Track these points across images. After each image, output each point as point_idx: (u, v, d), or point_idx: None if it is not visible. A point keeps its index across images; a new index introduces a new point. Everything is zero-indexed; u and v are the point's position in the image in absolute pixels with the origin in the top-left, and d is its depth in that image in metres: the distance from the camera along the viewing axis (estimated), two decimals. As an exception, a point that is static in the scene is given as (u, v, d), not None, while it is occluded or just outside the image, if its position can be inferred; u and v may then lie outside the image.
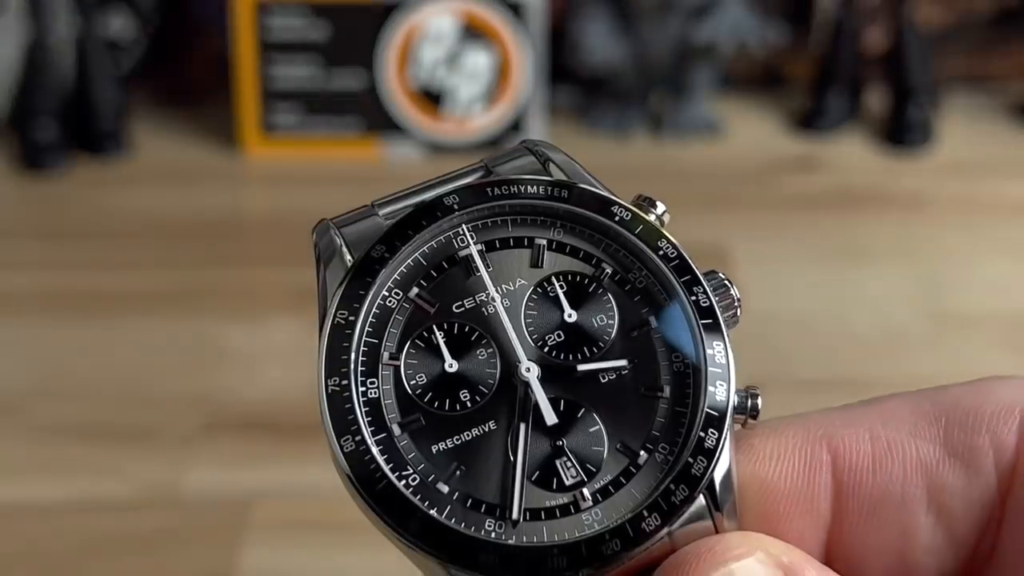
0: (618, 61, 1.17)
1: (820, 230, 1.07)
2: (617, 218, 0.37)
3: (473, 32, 1.16)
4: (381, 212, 0.38)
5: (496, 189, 0.37)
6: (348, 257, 0.37)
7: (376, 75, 1.16)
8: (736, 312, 0.37)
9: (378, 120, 1.17)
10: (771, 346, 0.91)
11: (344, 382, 0.35)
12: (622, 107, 1.20)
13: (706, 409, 0.35)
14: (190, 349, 0.93)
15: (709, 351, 0.36)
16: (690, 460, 0.34)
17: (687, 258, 0.37)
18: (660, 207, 0.38)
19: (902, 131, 1.18)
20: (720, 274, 0.37)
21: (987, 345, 0.93)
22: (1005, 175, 1.16)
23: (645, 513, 0.34)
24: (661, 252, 0.37)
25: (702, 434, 0.35)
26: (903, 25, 1.19)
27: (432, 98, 1.17)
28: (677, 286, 0.36)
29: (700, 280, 0.37)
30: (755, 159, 1.17)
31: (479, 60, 1.17)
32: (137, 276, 1.01)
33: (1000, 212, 1.10)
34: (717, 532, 0.34)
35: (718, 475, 0.35)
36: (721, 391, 0.35)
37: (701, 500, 0.34)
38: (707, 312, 0.36)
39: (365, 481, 0.34)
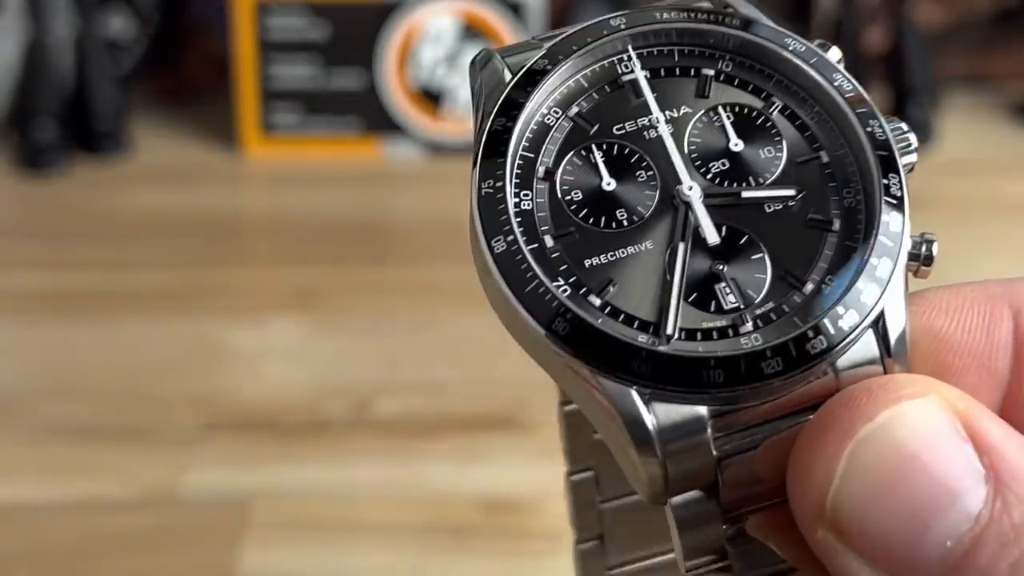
0: (618, 61, 1.17)
1: (820, 230, 1.07)
2: (791, 48, 0.36)
3: (473, 32, 1.16)
4: (545, 46, 0.36)
5: (666, 13, 0.36)
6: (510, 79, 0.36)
7: (376, 75, 1.16)
8: (913, 157, 0.35)
9: (378, 120, 1.17)
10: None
11: (499, 184, 0.34)
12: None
13: (879, 236, 0.33)
14: (190, 349, 0.92)
15: (884, 181, 0.34)
16: (860, 287, 0.32)
17: (862, 91, 0.35)
18: (836, 53, 0.36)
19: (902, 131, 1.18)
20: (900, 121, 0.35)
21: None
22: (1005, 175, 1.15)
23: (811, 334, 0.32)
24: (836, 84, 0.35)
25: (874, 261, 0.33)
26: (903, 25, 1.19)
27: (432, 98, 1.17)
28: (852, 117, 0.35)
29: (876, 114, 0.35)
30: (755, 159, 1.17)
31: (479, 60, 1.17)
32: (137, 276, 1.01)
33: (1001, 211, 1.10)
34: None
35: (890, 314, 0.33)
36: (896, 221, 0.34)
37: (872, 342, 0.32)
38: (883, 145, 0.35)
39: (515, 280, 0.32)
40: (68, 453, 0.83)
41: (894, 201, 0.34)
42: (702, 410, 0.31)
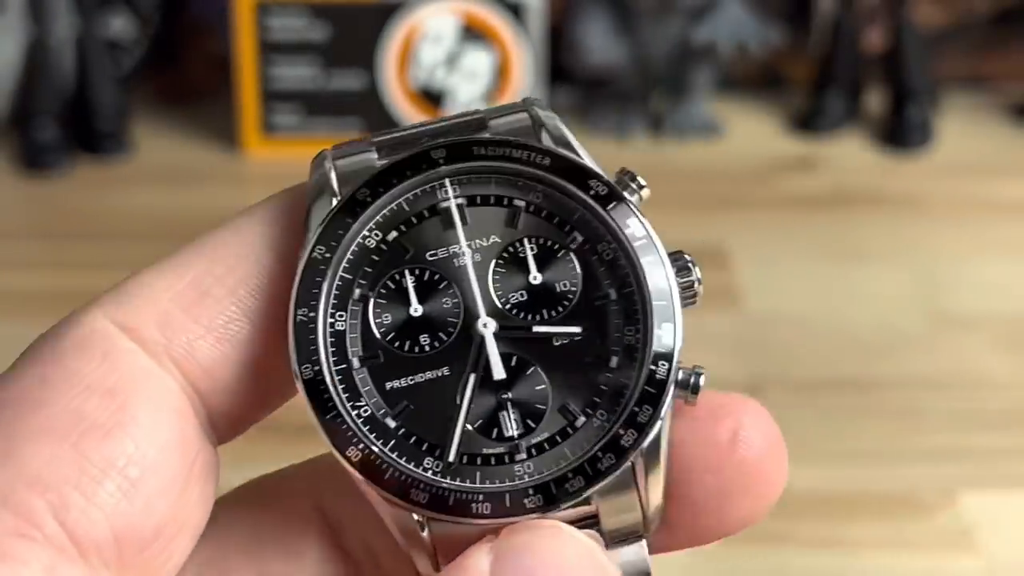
0: (618, 62, 1.17)
1: (819, 230, 1.07)
2: (592, 192, 0.38)
3: (473, 32, 1.16)
4: (375, 144, 0.39)
5: (482, 149, 0.38)
6: (335, 188, 0.38)
7: (376, 75, 1.17)
8: (695, 293, 0.37)
9: (378, 120, 1.17)
10: (770, 346, 0.91)
11: (312, 314, 0.36)
12: (622, 108, 1.20)
13: (644, 386, 0.36)
14: (190, 349, 0.93)
15: (658, 331, 0.36)
16: (621, 432, 0.35)
17: (652, 237, 0.38)
18: (641, 182, 0.38)
19: (901, 132, 1.18)
20: (686, 255, 0.38)
21: (986, 345, 0.93)
22: (1004, 175, 1.16)
23: (570, 475, 0.35)
24: (628, 231, 0.37)
25: (636, 409, 0.36)
26: (902, 25, 1.19)
27: (432, 98, 1.17)
28: (638, 262, 0.37)
29: (663, 261, 0.37)
30: (754, 159, 1.17)
31: (479, 60, 1.17)
32: (137, 276, 1.01)
33: (999, 212, 1.10)
34: (640, 501, 0.35)
35: (648, 457, 0.35)
36: (662, 370, 0.36)
37: (629, 468, 0.35)
38: (660, 295, 0.37)
39: (319, 406, 0.36)
40: (69, 453, 0.83)
41: (663, 350, 0.36)
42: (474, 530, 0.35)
